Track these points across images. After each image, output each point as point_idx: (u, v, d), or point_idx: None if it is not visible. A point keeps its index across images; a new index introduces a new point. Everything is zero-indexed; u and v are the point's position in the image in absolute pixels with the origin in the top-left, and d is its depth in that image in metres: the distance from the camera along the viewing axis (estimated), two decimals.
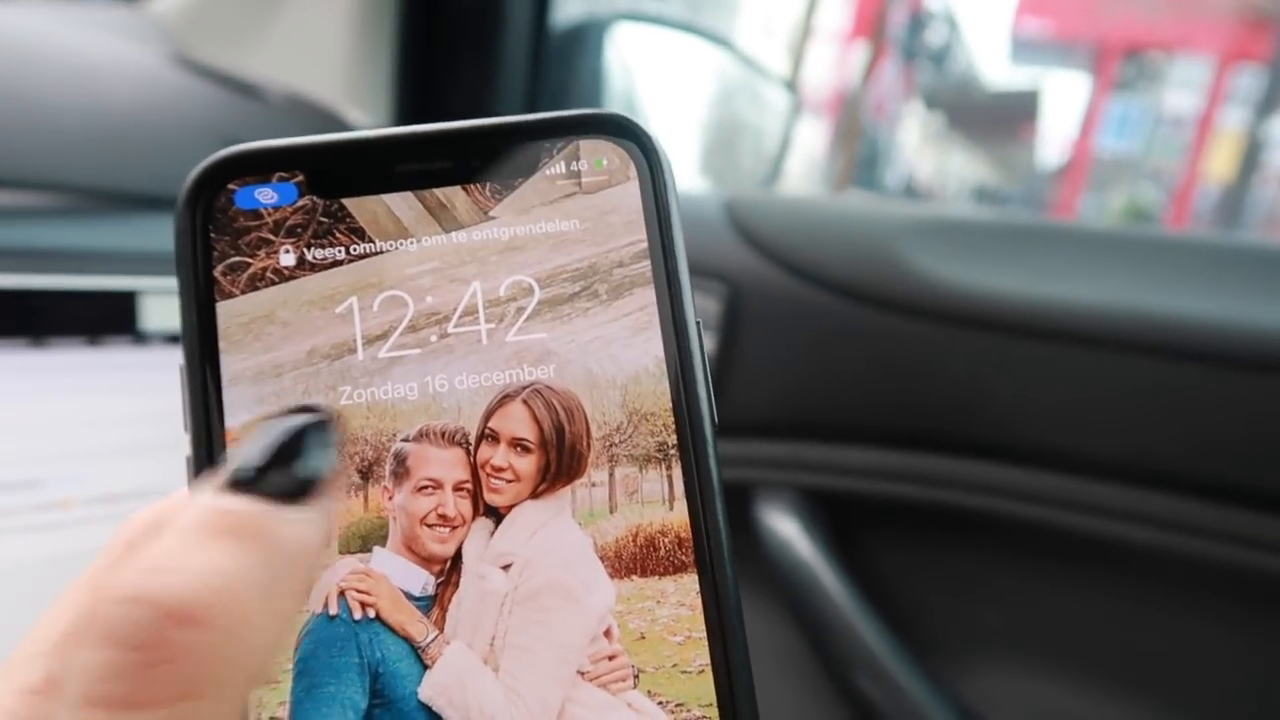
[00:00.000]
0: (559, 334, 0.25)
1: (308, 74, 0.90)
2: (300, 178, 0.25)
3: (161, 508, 0.21)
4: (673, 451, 0.25)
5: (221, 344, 0.24)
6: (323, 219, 0.25)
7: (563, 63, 1.02)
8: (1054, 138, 10.37)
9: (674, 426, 0.25)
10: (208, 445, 0.23)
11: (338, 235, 0.25)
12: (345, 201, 0.25)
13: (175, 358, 0.56)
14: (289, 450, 0.20)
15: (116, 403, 0.53)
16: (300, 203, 0.25)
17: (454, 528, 0.24)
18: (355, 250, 0.25)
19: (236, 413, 0.24)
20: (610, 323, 0.25)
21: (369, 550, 0.24)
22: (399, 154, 0.25)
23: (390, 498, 0.24)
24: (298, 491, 0.20)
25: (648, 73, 1.19)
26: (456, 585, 0.24)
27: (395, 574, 0.24)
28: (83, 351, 0.52)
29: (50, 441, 0.52)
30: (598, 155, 0.26)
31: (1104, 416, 0.70)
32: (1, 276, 0.49)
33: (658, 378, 0.25)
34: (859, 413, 0.77)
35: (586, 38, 1.07)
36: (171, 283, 0.57)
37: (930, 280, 0.73)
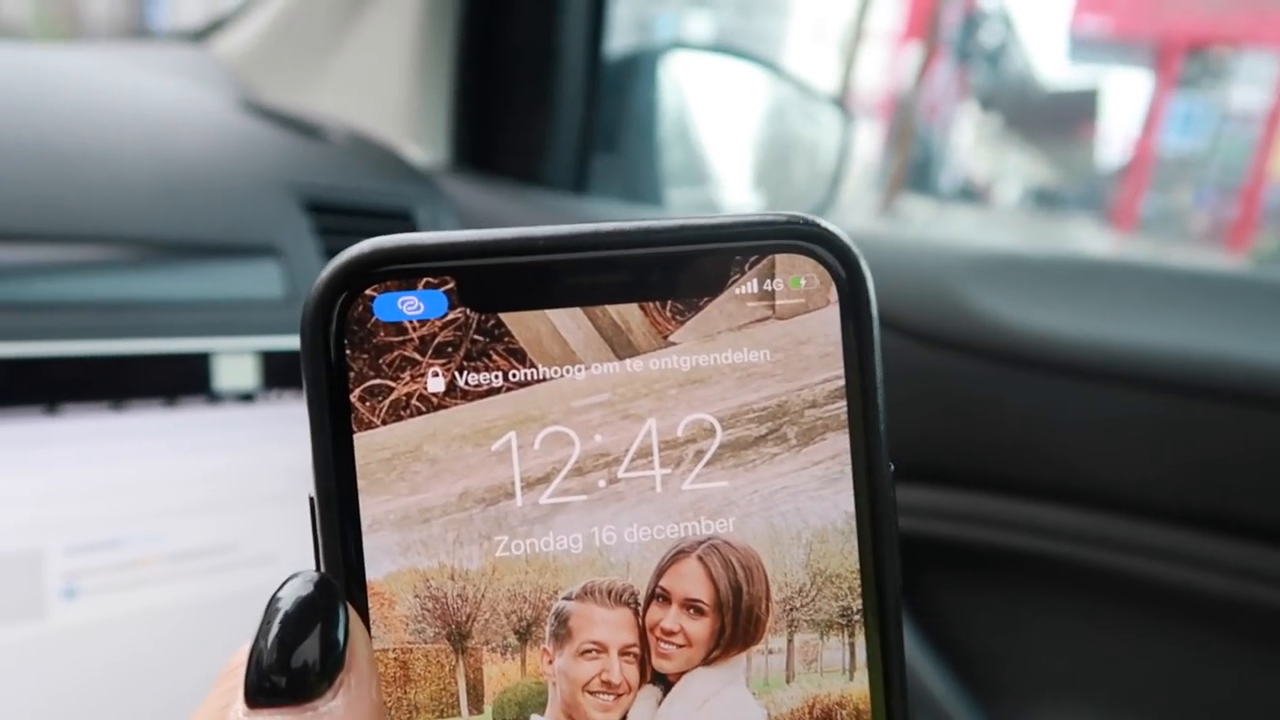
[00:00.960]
0: (741, 483, 0.22)
1: (368, 111, 0.91)
2: (450, 285, 0.21)
3: None
4: (856, 618, 0.22)
5: (360, 482, 0.21)
6: (477, 337, 0.21)
7: (617, 94, 1.02)
8: (1115, 137, 10.16)
9: (860, 590, 0.22)
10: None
11: (494, 357, 0.22)
12: (503, 317, 0.22)
13: (246, 416, 0.58)
14: (296, 637, 0.19)
15: (192, 462, 0.54)
16: (451, 316, 0.21)
17: (619, 695, 0.22)
18: (514, 376, 0.22)
19: (380, 563, 0.21)
20: (798, 471, 0.22)
21: (526, 718, 0.22)
22: (570, 261, 0.22)
23: (550, 661, 0.22)
24: (319, 680, 0.19)
25: (700, 96, 1.19)
26: None
27: None
28: (160, 413, 0.53)
29: (130, 502, 0.53)
30: (795, 273, 0.22)
31: (1173, 461, 0.68)
32: (85, 344, 0.50)
33: (846, 535, 0.22)
34: (919, 453, 0.76)
35: (640, 68, 1.08)
36: (243, 343, 0.58)
37: (992, 320, 0.72)
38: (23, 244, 0.53)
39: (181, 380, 0.54)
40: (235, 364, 0.55)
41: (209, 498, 0.55)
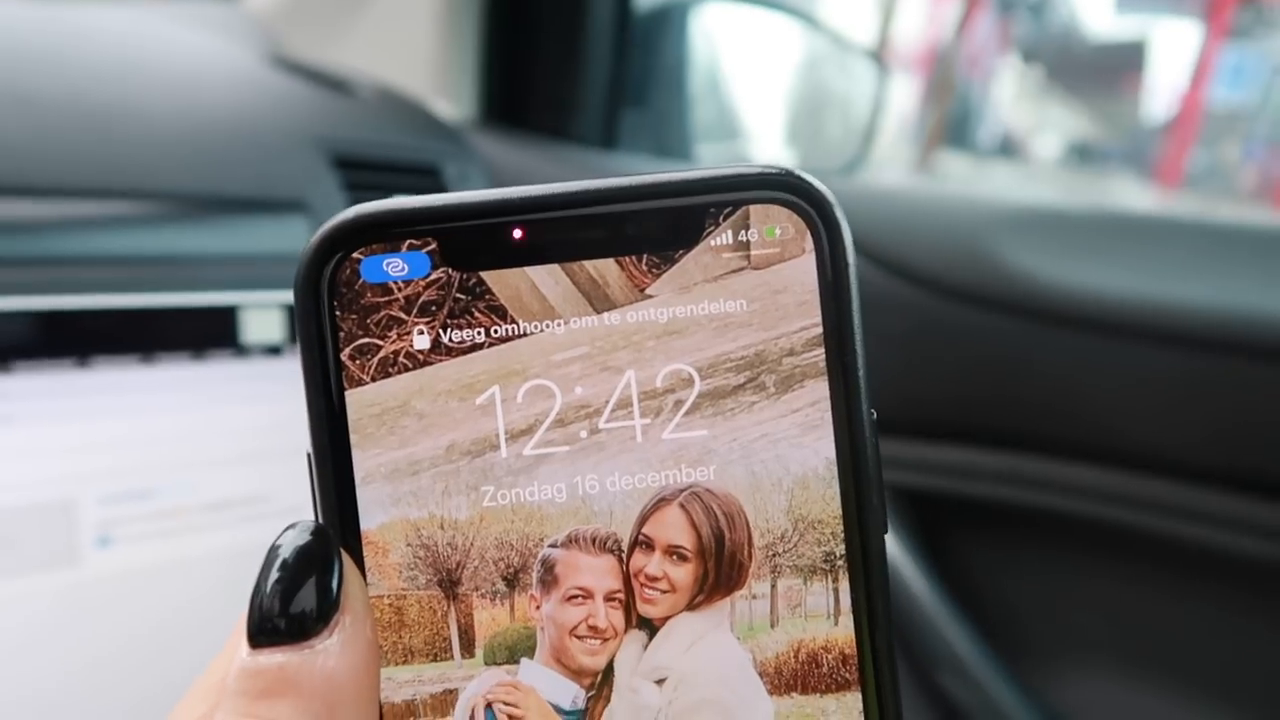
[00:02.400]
0: (720, 431, 0.23)
1: (396, 66, 0.91)
2: (432, 246, 0.22)
3: (208, 681, 0.21)
4: (840, 562, 0.23)
5: (353, 437, 0.22)
6: (459, 295, 0.22)
7: (647, 47, 1.01)
8: (1161, 90, 9.89)
9: (843, 535, 0.23)
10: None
11: (476, 314, 0.22)
12: (484, 275, 0.22)
13: (273, 369, 0.58)
14: (294, 583, 0.20)
15: (221, 413, 0.55)
16: (433, 276, 0.22)
17: (605, 640, 0.23)
18: (496, 332, 0.22)
19: (373, 514, 0.22)
20: (778, 419, 0.23)
21: (516, 661, 0.23)
22: (545, 220, 0.22)
23: (538, 607, 0.23)
24: (316, 621, 0.20)
25: (732, 49, 1.17)
26: (608, 699, 0.23)
27: (544, 686, 0.23)
28: (189, 366, 0.54)
29: (161, 453, 0.54)
30: (770, 223, 0.22)
31: (1209, 421, 0.67)
32: (115, 297, 0.51)
33: (827, 481, 0.23)
34: (949, 411, 0.75)
35: (670, 20, 1.07)
36: (269, 296, 0.58)
37: (1026, 276, 0.71)
38: (55, 199, 0.54)
39: (210, 333, 0.55)
40: (262, 318, 0.56)
41: (239, 449, 0.56)
